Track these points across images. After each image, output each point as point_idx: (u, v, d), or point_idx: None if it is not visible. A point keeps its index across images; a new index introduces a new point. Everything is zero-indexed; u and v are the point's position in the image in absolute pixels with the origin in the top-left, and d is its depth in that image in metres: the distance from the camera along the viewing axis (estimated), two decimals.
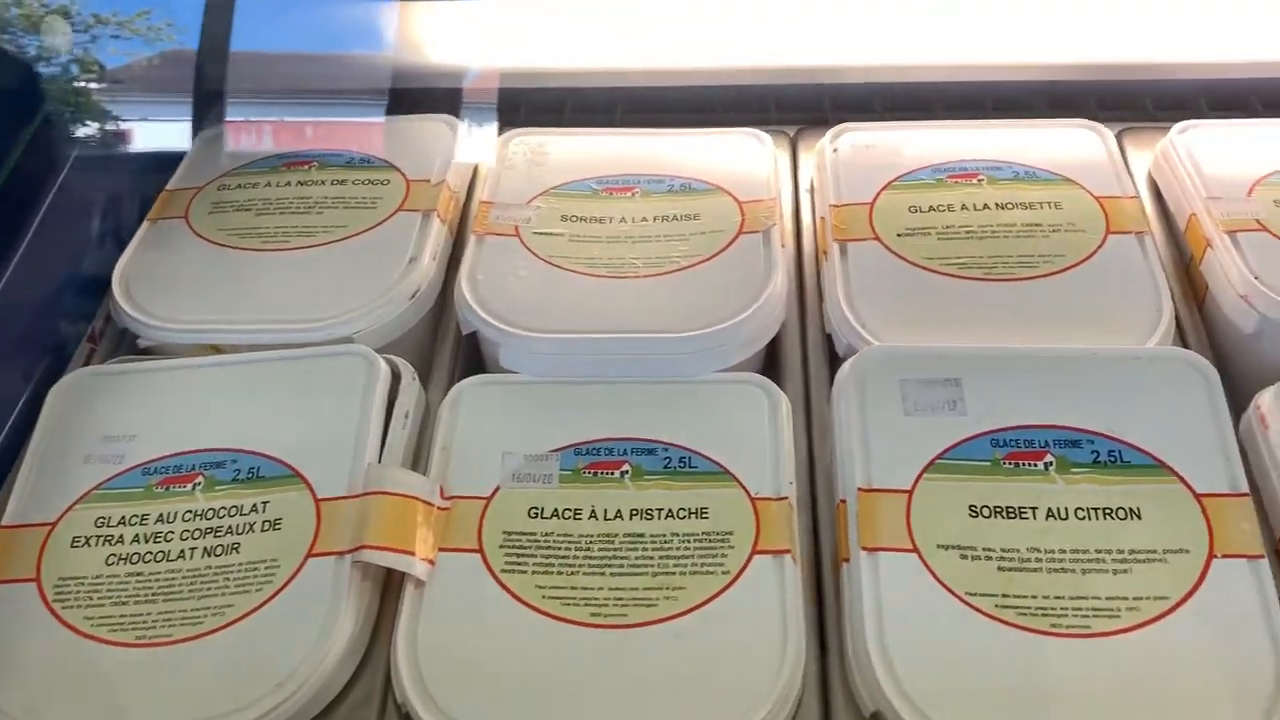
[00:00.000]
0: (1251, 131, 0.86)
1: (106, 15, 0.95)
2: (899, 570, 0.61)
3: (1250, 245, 0.75)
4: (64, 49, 0.90)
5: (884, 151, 0.87)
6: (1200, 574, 0.60)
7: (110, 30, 0.95)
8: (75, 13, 0.94)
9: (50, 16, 0.90)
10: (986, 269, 0.76)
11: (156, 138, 0.96)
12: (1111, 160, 0.84)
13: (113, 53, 0.95)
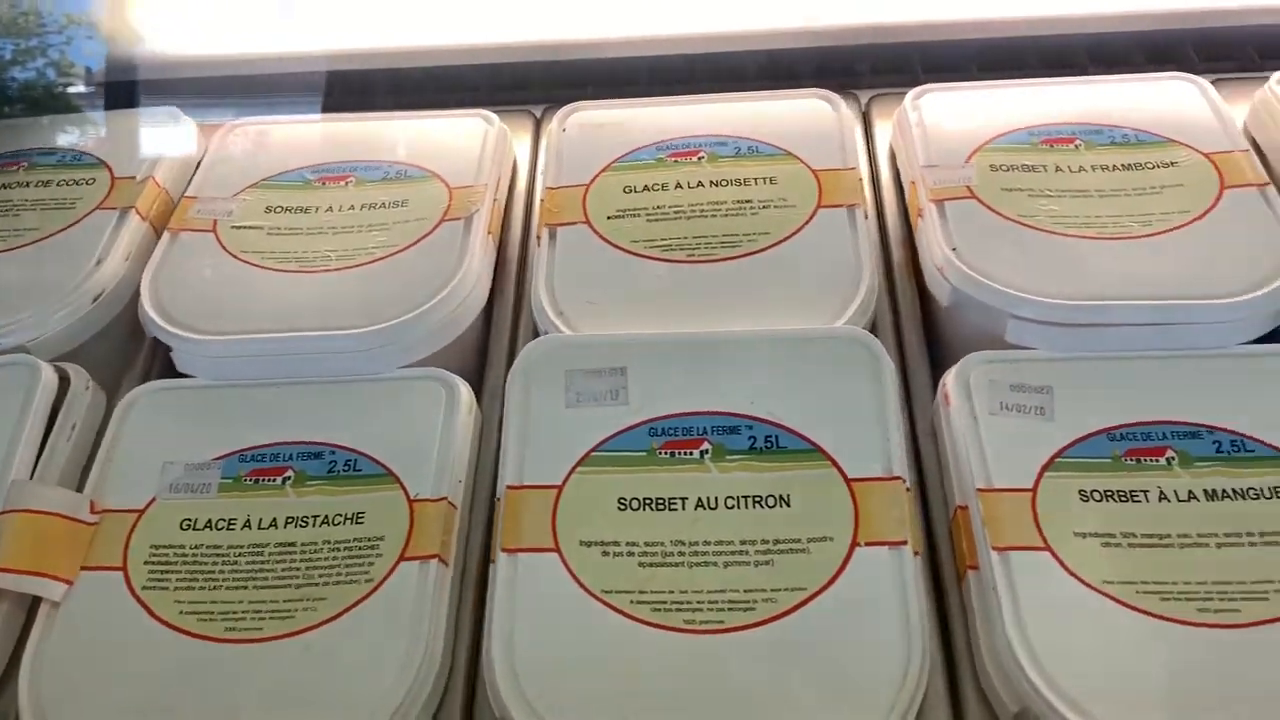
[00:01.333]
0: (980, 95, 0.83)
1: (79, 15, 0.92)
2: (538, 571, 0.59)
3: (955, 215, 0.73)
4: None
5: (611, 131, 0.84)
6: (842, 563, 0.58)
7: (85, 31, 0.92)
8: (47, 14, 0.91)
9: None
10: (689, 250, 0.74)
11: None
12: (841, 129, 0.82)
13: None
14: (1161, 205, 0.72)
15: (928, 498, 0.65)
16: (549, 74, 0.97)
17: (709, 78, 0.95)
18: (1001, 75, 0.87)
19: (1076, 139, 0.78)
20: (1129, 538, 0.59)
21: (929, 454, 0.66)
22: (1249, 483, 0.60)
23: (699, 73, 0.96)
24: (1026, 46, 0.94)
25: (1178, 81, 0.82)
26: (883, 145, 0.86)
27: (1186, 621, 0.55)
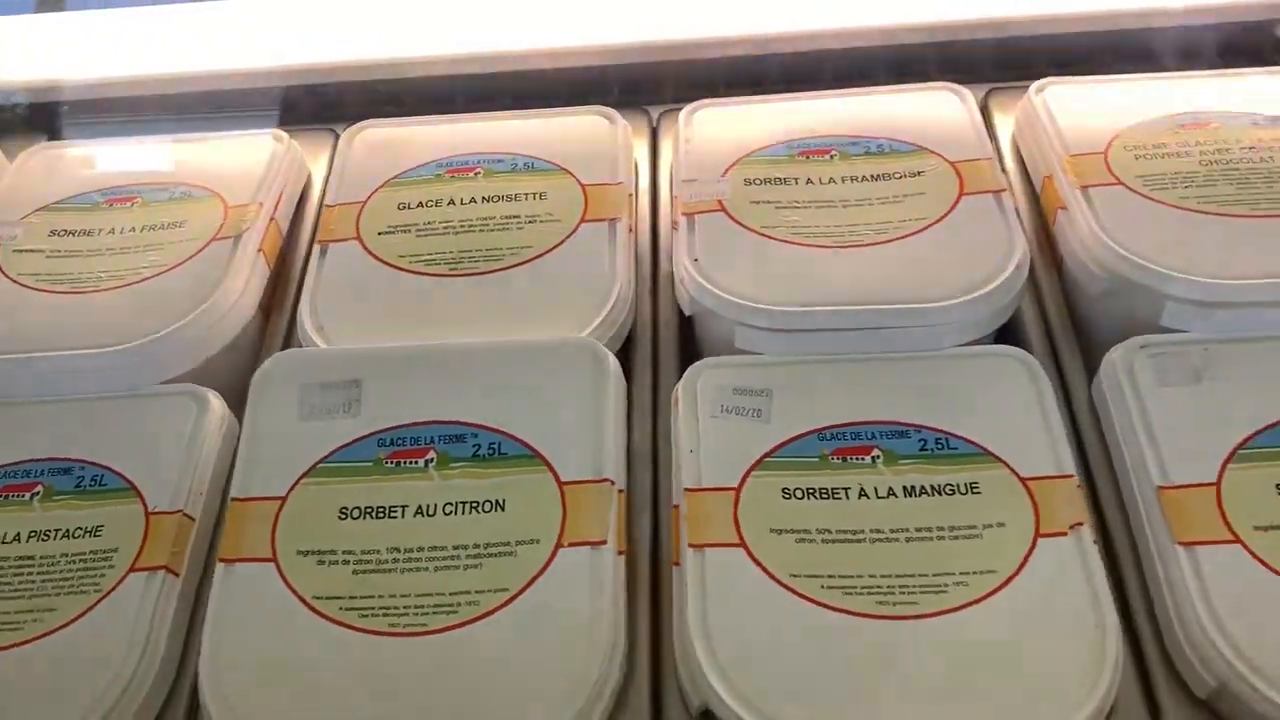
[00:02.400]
0: (747, 110, 0.86)
1: None
2: (254, 580, 0.61)
3: (703, 227, 0.76)
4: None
5: (395, 149, 0.86)
6: (544, 564, 0.60)
7: None
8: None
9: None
10: (452, 264, 0.76)
11: None
12: (614, 145, 0.85)
13: None
14: (901, 213, 0.75)
15: (658, 499, 0.67)
16: (365, 93, 1.00)
17: (512, 95, 0.98)
18: (791, 89, 0.90)
19: (833, 150, 0.81)
20: (824, 534, 0.61)
21: (665, 457, 0.69)
22: (946, 479, 0.63)
23: (504, 90, 0.98)
24: (812, 61, 0.97)
25: (942, 92, 0.85)
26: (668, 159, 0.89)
27: (865, 614, 0.58)
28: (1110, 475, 0.66)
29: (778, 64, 0.97)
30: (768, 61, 0.96)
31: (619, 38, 0.97)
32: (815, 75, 0.97)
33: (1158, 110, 0.80)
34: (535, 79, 0.99)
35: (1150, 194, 0.73)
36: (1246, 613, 0.56)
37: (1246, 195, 0.72)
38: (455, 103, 0.99)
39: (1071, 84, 0.84)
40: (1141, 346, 0.68)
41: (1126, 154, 0.77)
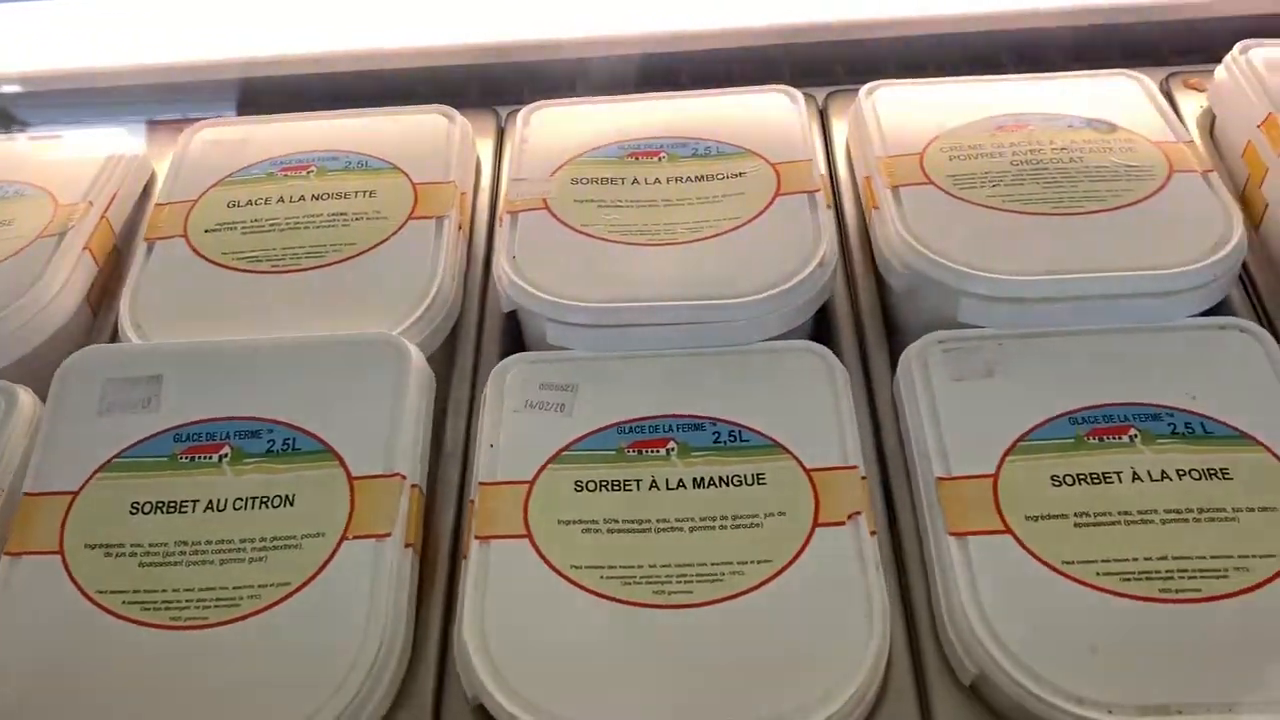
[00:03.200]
0: (585, 111, 0.87)
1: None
2: (39, 573, 0.60)
3: (526, 226, 0.76)
4: None
5: (231, 147, 0.86)
6: (328, 557, 0.60)
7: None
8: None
9: None
10: (275, 261, 0.76)
11: None
12: (449, 144, 0.85)
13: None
14: (718, 212, 0.76)
15: (464, 495, 0.68)
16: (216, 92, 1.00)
17: (373, 94, 0.98)
18: (642, 90, 0.91)
19: (662, 152, 0.82)
20: (610, 525, 0.62)
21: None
22: (734, 470, 0.64)
23: (358, 90, 0.99)
24: (665, 63, 0.98)
25: (776, 94, 0.87)
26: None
27: (641, 604, 0.58)
28: (905, 468, 0.67)
29: (632, 65, 0.98)
30: (618, 63, 0.97)
31: (473, 38, 0.97)
32: (669, 77, 0.98)
33: (980, 112, 0.82)
34: (392, 79, 1.00)
35: (958, 193, 0.75)
36: (1010, 602, 0.57)
37: (1050, 194, 0.74)
38: (310, 102, 1.00)
39: (901, 86, 0.86)
40: (939, 342, 0.69)
41: (942, 155, 0.78)
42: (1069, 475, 0.61)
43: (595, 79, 0.97)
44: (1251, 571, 0.57)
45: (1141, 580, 0.57)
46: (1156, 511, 0.60)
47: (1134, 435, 0.63)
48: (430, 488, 0.67)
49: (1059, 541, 0.59)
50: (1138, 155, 0.76)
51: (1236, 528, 0.59)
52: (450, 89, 0.99)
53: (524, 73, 0.99)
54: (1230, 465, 0.61)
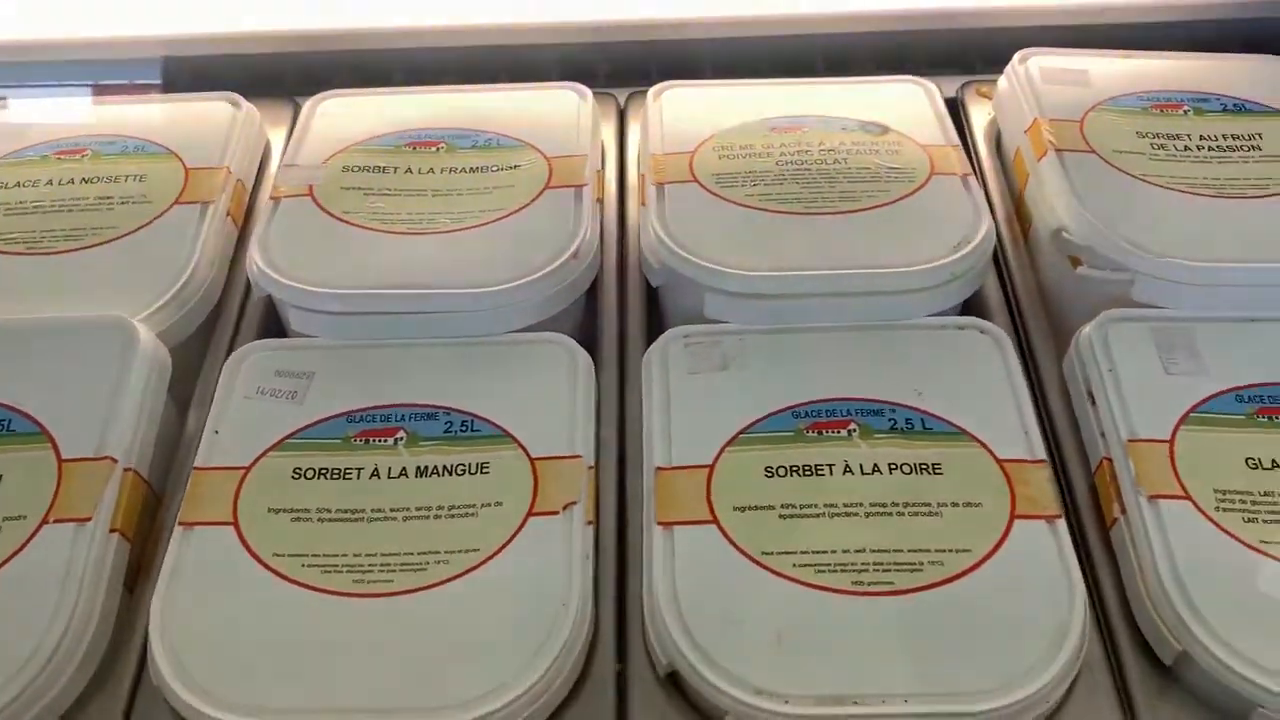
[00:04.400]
0: (378, 102, 0.86)
1: None
2: None
3: (286, 212, 0.75)
4: None
5: (8, 130, 0.85)
6: (24, 541, 0.59)
7: None
8: None
9: None
10: (31, 243, 0.75)
11: None
12: (229, 129, 0.84)
13: None
14: (485, 204, 0.75)
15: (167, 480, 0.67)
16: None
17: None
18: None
19: (441, 143, 0.81)
20: (322, 514, 0.61)
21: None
22: (459, 460, 0.63)
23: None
24: (478, 56, 0.97)
25: (566, 92, 0.86)
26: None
27: (338, 592, 0.57)
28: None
29: (445, 57, 0.98)
30: (425, 54, 0.97)
31: (272, 25, 0.96)
32: (484, 72, 0.98)
33: (760, 113, 0.82)
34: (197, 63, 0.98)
35: (719, 192, 0.75)
36: (704, 593, 0.57)
37: (808, 193, 0.74)
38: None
39: (691, 87, 0.86)
40: (684, 336, 0.69)
41: (712, 154, 0.78)
42: (783, 467, 0.62)
43: (403, 69, 0.96)
44: (945, 565, 0.57)
45: (837, 572, 0.57)
46: (862, 505, 0.60)
47: (853, 430, 0.63)
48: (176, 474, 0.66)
49: (761, 533, 0.59)
50: (902, 158, 0.77)
51: (939, 522, 0.59)
52: (261, 77, 0.98)
53: (330, 63, 0.98)
54: (944, 461, 0.62)
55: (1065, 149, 0.76)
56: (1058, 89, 0.82)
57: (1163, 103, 0.81)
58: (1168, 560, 0.57)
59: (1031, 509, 0.59)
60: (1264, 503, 0.59)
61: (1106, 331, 0.68)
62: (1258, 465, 0.61)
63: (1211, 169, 0.75)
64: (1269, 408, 0.64)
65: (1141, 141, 0.77)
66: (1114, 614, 0.59)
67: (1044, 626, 0.55)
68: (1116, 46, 0.89)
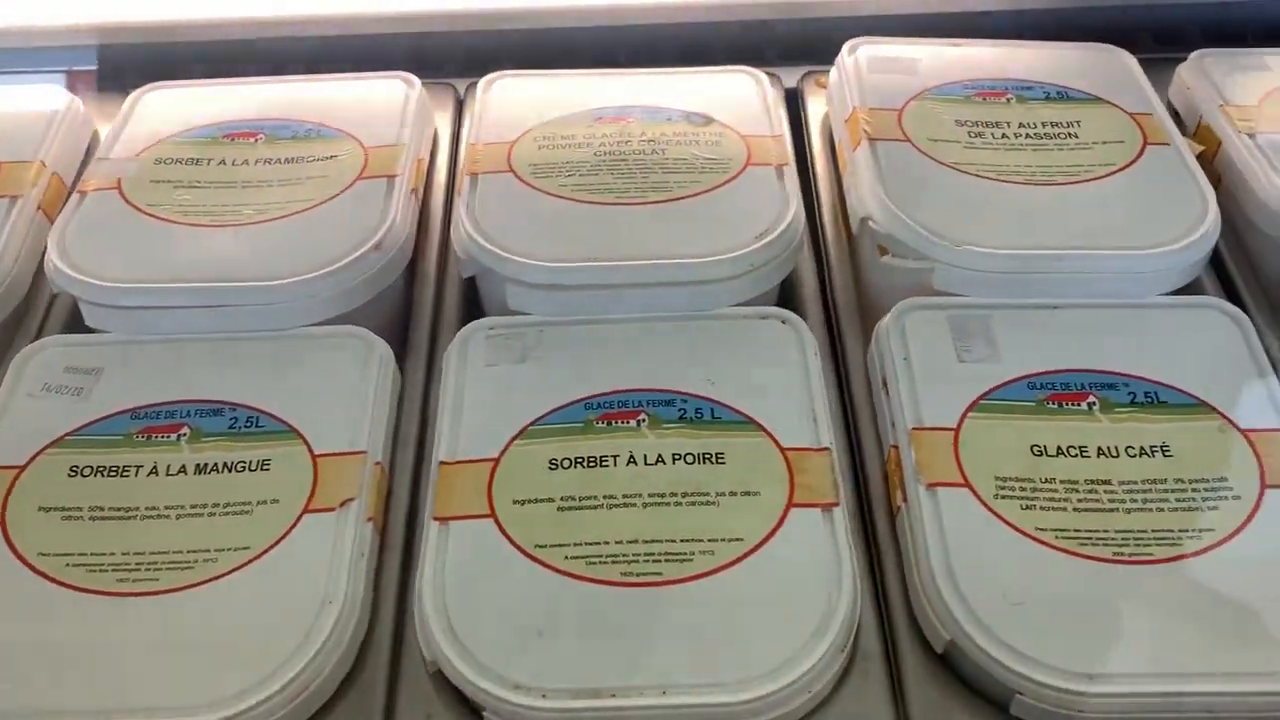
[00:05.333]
0: (206, 92, 0.85)
1: None
2: None
3: (92, 205, 0.74)
4: None
5: None
6: None
7: None
8: None
9: None
10: None
11: None
12: (52, 123, 0.82)
13: None
14: (294, 195, 0.74)
15: None
16: None
17: None
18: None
19: (262, 133, 0.80)
20: (95, 511, 0.59)
21: None
22: (240, 457, 0.62)
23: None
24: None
25: (394, 81, 0.85)
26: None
27: (97, 591, 0.56)
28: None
29: (261, 48, 0.97)
30: (244, 46, 0.96)
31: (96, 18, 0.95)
32: (329, 61, 0.96)
33: (587, 104, 0.82)
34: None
35: (533, 182, 0.74)
36: (473, 588, 0.56)
37: (621, 184, 0.73)
38: None
39: (524, 77, 0.85)
40: (489, 328, 0.69)
41: (532, 145, 0.77)
42: (567, 459, 0.61)
43: (223, 60, 0.95)
44: (715, 555, 0.57)
45: (608, 564, 0.56)
46: (641, 495, 0.59)
47: (643, 420, 0.63)
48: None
49: (537, 526, 0.58)
50: (721, 148, 0.77)
51: (715, 512, 0.59)
52: (104, 69, 0.96)
53: (146, 55, 0.96)
54: (727, 450, 0.61)
55: (879, 138, 0.76)
56: (883, 78, 0.82)
57: (986, 90, 0.81)
58: (940, 549, 0.57)
59: (809, 497, 0.59)
60: (1044, 490, 0.60)
61: (904, 320, 0.68)
62: (1042, 452, 0.61)
63: (1026, 156, 0.75)
64: (1060, 394, 0.64)
65: (959, 130, 0.77)
66: (896, 604, 0.59)
67: (810, 615, 0.55)
68: (969, 34, 0.89)
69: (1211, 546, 0.57)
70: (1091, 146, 0.76)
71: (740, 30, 1.01)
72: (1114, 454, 0.61)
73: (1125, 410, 0.63)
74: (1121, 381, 0.64)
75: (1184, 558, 0.56)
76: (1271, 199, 0.72)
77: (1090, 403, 0.63)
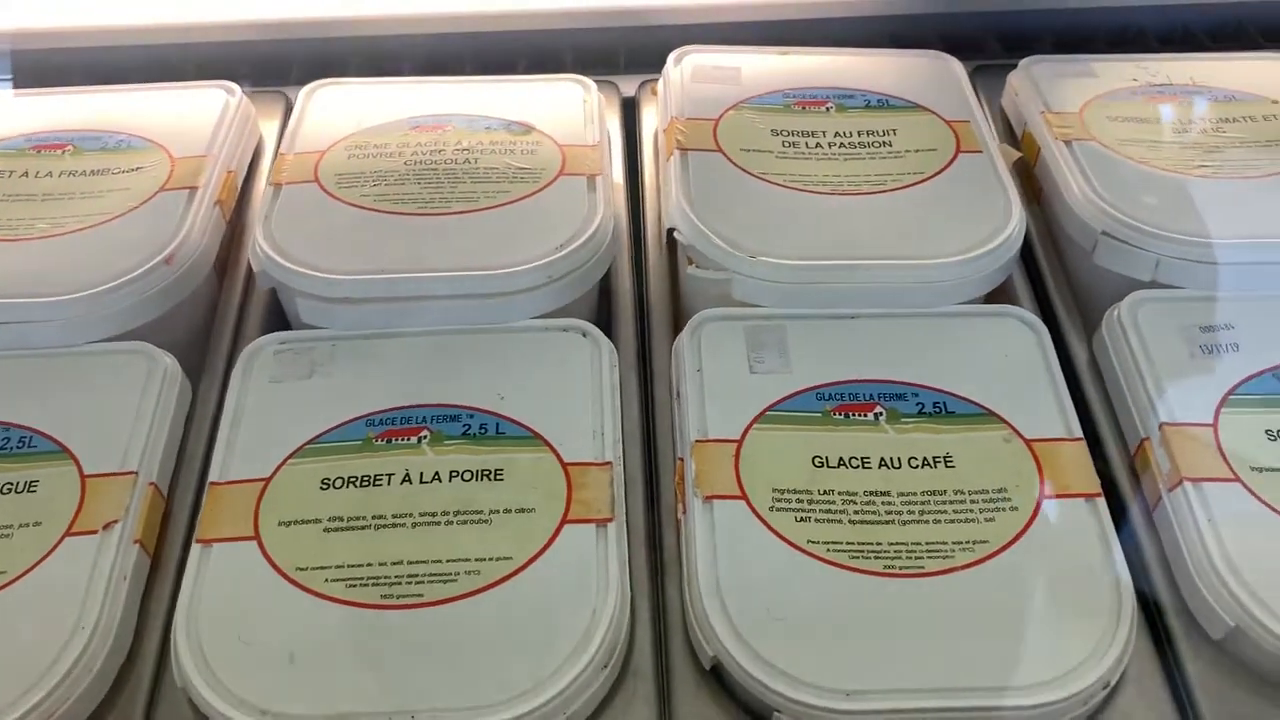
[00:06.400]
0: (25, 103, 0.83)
1: None
2: None
3: None
4: None
5: None
6: None
7: None
8: None
9: None
10: None
11: None
12: None
13: None
14: (89, 208, 0.72)
15: None
16: None
17: None
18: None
19: (69, 145, 0.78)
20: None
21: None
22: (9, 478, 0.60)
23: None
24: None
25: (216, 91, 0.83)
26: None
27: None
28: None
29: (94, 58, 0.95)
30: (89, 54, 0.93)
31: None
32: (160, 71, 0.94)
33: (407, 112, 0.80)
34: None
35: (335, 192, 0.73)
36: (231, 612, 0.55)
37: (426, 194, 0.72)
38: None
39: (347, 85, 0.84)
40: (281, 343, 0.67)
41: (343, 154, 0.76)
42: (340, 478, 0.60)
43: (48, 69, 0.93)
44: (482, 574, 0.56)
45: (368, 586, 0.55)
46: (412, 515, 0.58)
47: (424, 437, 0.62)
48: None
49: (300, 548, 0.57)
50: (536, 157, 0.76)
51: (487, 530, 0.58)
52: None
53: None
54: (508, 466, 0.60)
55: (691, 148, 0.75)
56: (705, 87, 0.81)
57: (808, 100, 0.81)
58: (711, 563, 0.56)
59: (585, 513, 0.58)
60: (821, 502, 0.59)
61: (701, 332, 0.67)
62: (823, 463, 0.61)
63: (838, 166, 0.75)
64: (848, 405, 0.64)
65: (774, 140, 0.77)
66: (674, 621, 0.58)
67: (571, 633, 0.54)
68: (837, 43, 0.89)
69: (984, 559, 0.57)
70: (904, 155, 0.76)
71: (590, 38, 1.00)
72: (896, 465, 0.61)
73: (912, 420, 0.63)
74: (911, 391, 0.64)
75: (954, 570, 0.56)
76: (1077, 206, 0.73)
77: (877, 413, 0.63)
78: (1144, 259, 0.70)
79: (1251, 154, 0.77)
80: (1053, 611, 0.55)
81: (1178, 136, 0.78)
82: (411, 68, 0.96)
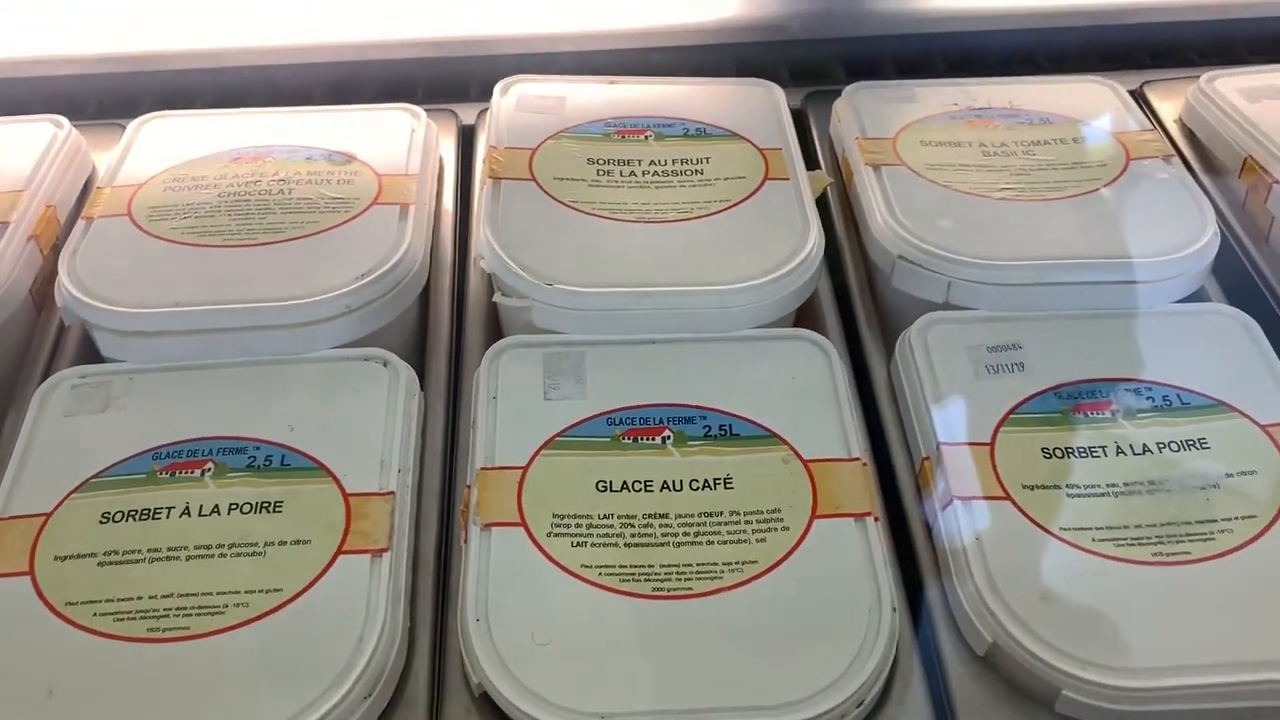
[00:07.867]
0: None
1: None
2: None
3: None
4: None
5: None
6: None
7: None
8: None
9: None
10: None
11: None
12: None
13: None
14: None
15: None
16: None
17: None
18: None
19: None
20: None
21: None
22: None
23: None
24: None
25: (43, 125, 0.84)
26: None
27: None
28: None
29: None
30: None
31: None
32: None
33: (231, 144, 0.81)
34: None
35: (146, 226, 0.73)
36: None
37: (235, 225, 0.73)
38: None
39: (177, 118, 0.85)
40: (81, 377, 0.67)
41: (160, 187, 0.77)
42: (120, 512, 0.60)
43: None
44: (249, 607, 0.56)
45: (135, 620, 0.55)
46: (187, 548, 0.58)
47: (208, 470, 0.62)
48: None
49: (73, 583, 0.57)
50: (352, 187, 0.77)
51: (260, 563, 0.58)
52: None
53: None
54: (288, 498, 0.61)
55: (505, 176, 0.76)
56: (527, 116, 0.83)
57: (628, 129, 0.82)
58: (480, 590, 0.57)
59: (361, 543, 0.59)
60: (600, 526, 0.60)
61: (500, 359, 0.68)
62: (606, 488, 0.62)
63: (649, 194, 0.76)
64: (638, 429, 0.65)
65: (589, 168, 0.78)
66: (452, 649, 0.59)
67: (333, 665, 0.54)
68: (661, 70, 0.91)
69: (750, 579, 0.58)
70: (714, 183, 0.77)
71: (441, 67, 1.01)
72: (677, 488, 0.62)
73: (698, 443, 0.64)
74: (700, 415, 0.65)
75: (721, 591, 0.57)
76: (876, 231, 0.74)
77: (665, 436, 0.64)
78: (937, 282, 0.71)
79: (1058, 175, 0.79)
80: (810, 630, 0.56)
81: (987, 160, 0.80)
82: (263, 99, 0.97)
